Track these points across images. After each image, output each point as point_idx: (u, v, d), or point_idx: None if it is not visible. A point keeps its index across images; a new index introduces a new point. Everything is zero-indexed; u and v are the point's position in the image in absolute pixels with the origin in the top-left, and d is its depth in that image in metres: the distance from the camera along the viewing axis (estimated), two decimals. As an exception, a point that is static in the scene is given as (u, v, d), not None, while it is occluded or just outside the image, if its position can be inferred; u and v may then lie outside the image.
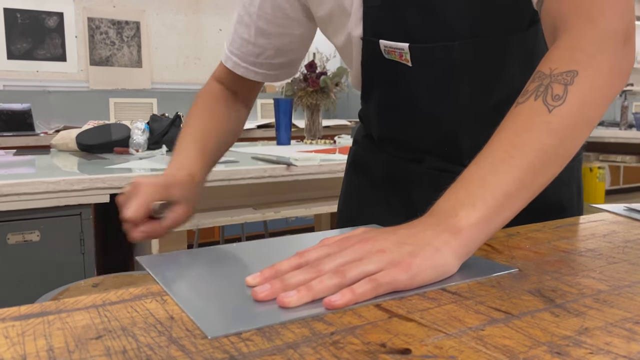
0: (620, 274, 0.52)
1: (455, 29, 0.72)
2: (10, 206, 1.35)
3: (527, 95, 0.55)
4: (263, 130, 3.59)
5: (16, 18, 3.55)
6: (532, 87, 0.55)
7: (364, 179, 0.95)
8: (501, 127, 0.55)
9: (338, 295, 0.43)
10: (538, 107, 0.53)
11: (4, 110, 3.21)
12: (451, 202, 0.51)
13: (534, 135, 0.52)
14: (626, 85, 4.51)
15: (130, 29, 3.92)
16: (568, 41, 0.55)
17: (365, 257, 0.46)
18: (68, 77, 3.75)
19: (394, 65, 0.77)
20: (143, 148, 2.05)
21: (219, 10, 4.26)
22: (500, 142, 0.53)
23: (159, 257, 0.59)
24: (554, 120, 0.52)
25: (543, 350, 0.35)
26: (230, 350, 0.35)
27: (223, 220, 1.77)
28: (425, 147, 0.84)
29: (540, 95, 0.53)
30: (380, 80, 0.83)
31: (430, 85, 0.77)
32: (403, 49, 0.74)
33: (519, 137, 0.52)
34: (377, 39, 0.76)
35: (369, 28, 0.76)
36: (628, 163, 3.75)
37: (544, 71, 0.55)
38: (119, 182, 1.50)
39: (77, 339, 0.37)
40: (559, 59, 0.54)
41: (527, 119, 0.53)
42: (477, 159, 0.54)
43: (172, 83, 4.11)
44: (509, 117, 0.55)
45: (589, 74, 0.53)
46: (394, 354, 0.35)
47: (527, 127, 0.52)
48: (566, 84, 0.52)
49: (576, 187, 0.85)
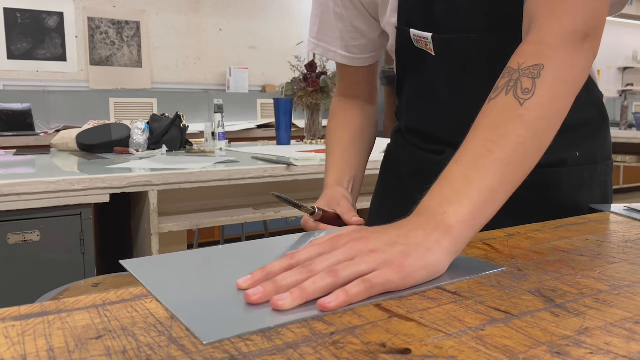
0: (620, 274, 0.52)
1: (475, 22, 0.76)
2: (10, 206, 1.36)
3: (498, 90, 0.57)
4: (263, 130, 3.60)
5: (16, 18, 3.55)
6: (502, 82, 0.57)
7: (393, 173, 0.99)
8: (476, 124, 0.56)
9: (332, 297, 0.42)
10: (509, 101, 0.54)
11: (4, 110, 3.21)
12: (437, 200, 0.52)
13: (509, 129, 0.53)
14: (626, 85, 4.50)
15: (130, 29, 3.92)
16: (535, 36, 0.58)
17: (358, 256, 0.46)
18: (68, 77, 3.75)
19: (422, 54, 0.82)
20: (143, 148, 2.05)
21: (219, 10, 4.26)
22: (477, 138, 0.54)
23: (144, 260, 0.57)
24: (525, 113, 0.53)
25: (543, 350, 0.35)
26: (230, 350, 0.35)
27: (223, 220, 1.77)
28: (446, 138, 0.87)
29: (510, 90, 0.55)
30: (411, 69, 0.88)
31: (450, 75, 0.81)
32: (427, 38, 0.79)
33: (495, 132, 0.53)
34: (408, 28, 0.81)
35: (403, 17, 0.82)
36: (628, 163, 3.75)
37: (512, 66, 0.57)
38: (119, 182, 1.50)
39: (77, 339, 0.37)
40: (526, 54, 0.57)
41: (501, 113, 0.54)
42: (457, 156, 0.55)
43: (172, 83, 4.11)
44: (484, 113, 0.56)
45: (554, 68, 0.55)
46: (394, 354, 0.35)
47: (501, 121, 0.54)
48: (534, 77, 0.54)
49: (600, 192, 0.84)
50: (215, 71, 4.27)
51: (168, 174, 1.58)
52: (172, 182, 1.59)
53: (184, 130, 2.17)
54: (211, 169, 1.66)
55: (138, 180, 1.53)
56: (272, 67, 4.45)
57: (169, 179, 1.58)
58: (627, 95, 4.41)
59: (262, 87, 4.44)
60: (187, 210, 1.80)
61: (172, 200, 1.78)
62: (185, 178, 1.61)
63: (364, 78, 0.97)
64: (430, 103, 0.87)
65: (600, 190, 0.85)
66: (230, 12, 4.30)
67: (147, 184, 1.55)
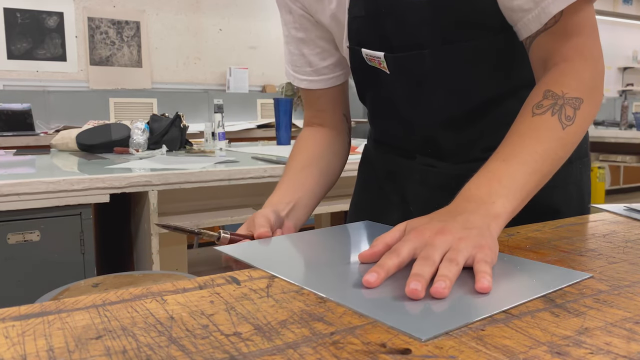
0: (620, 274, 0.52)
1: (425, 37, 0.74)
2: (10, 206, 1.36)
3: (543, 109, 0.65)
4: (263, 130, 3.59)
5: (16, 18, 3.55)
6: (547, 102, 0.65)
7: (369, 172, 0.99)
8: (523, 131, 0.64)
9: (486, 280, 0.46)
10: (554, 123, 0.64)
11: (4, 110, 3.21)
12: (486, 191, 0.58)
13: (551, 147, 0.63)
14: (626, 85, 4.51)
15: (130, 29, 3.92)
16: (573, 73, 0.67)
17: (453, 246, 0.51)
18: (68, 77, 3.75)
19: (377, 72, 0.82)
20: (143, 148, 2.05)
21: (219, 10, 4.26)
22: (525, 148, 0.62)
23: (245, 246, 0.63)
24: (565, 137, 0.64)
25: (543, 350, 0.35)
26: (230, 350, 0.35)
27: (223, 220, 1.77)
28: (412, 148, 0.88)
29: (556, 113, 0.64)
30: (368, 86, 0.88)
31: (407, 91, 0.81)
32: (380, 57, 0.78)
33: (541, 146, 0.63)
34: (359, 47, 0.80)
35: (353, 37, 0.80)
36: (628, 163, 3.75)
37: (556, 91, 0.65)
38: (119, 182, 1.50)
39: (77, 339, 0.37)
40: (569, 86, 0.65)
41: (547, 131, 0.63)
42: (504, 155, 0.62)
43: (172, 83, 4.11)
44: (532, 123, 0.64)
45: (589, 104, 0.66)
46: (394, 354, 0.35)
47: (546, 138, 0.63)
48: (575, 108, 0.65)
49: (576, 190, 0.85)
50: (215, 71, 4.27)
51: (168, 174, 1.58)
52: (172, 182, 1.59)
53: (184, 130, 2.17)
54: (211, 169, 1.66)
55: (138, 180, 1.53)
56: (272, 67, 4.45)
57: (169, 179, 1.58)
58: (627, 95, 4.41)
59: (262, 87, 4.43)
60: (187, 210, 1.80)
61: (172, 200, 1.78)
62: (185, 178, 1.61)
63: (328, 105, 0.94)
64: (392, 118, 0.87)
65: (575, 189, 0.85)
66: (230, 12, 4.30)
67: (147, 184, 1.55)
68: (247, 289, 0.48)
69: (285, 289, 0.48)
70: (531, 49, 0.71)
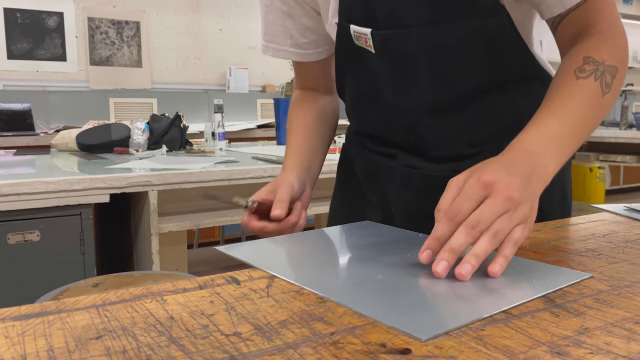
0: (620, 274, 0.52)
1: (414, 15, 0.73)
2: (10, 206, 1.36)
3: (586, 73, 0.67)
4: (263, 130, 3.59)
5: (16, 18, 3.55)
6: (589, 67, 0.67)
7: (349, 174, 0.98)
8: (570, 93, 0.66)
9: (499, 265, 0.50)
10: (596, 89, 0.66)
11: (4, 110, 3.21)
12: (544, 150, 0.60)
13: (592, 113, 0.66)
14: (626, 85, 4.48)
15: (130, 29, 3.92)
16: (609, 43, 0.70)
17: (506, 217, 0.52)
18: (68, 77, 3.75)
19: (363, 53, 0.80)
20: (143, 148, 2.05)
21: (219, 10, 4.26)
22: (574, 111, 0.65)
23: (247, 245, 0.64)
24: (603, 104, 0.67)
25: (543, 350, 0.35)
26: (230, 350, 0.35)
27: (223, 220, 1.77)
28: (394, 139, 0.86)
29: (598, 79, 0.66)
30: (351, 70, 0.86)
31: (393, 73, 0.79)
32: (367, 34, 0.77)
33: (587, 112, 0.66)
34: (348, 24, 0.79)
35: (343, 12, 0.79)
36: (628, 163, 3.75)
37: (596, 58, 0.67)
38: (119, 182, 1.50)
39: (77, 339, 0.37)
40: (607, 54, 0.68)
41: (591, 97, 0.66)
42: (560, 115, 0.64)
43: (172, 83, 4.11)
44: (578, 88, 0.66)
45: (621, 73, 0.69)
46: (394, 354, 0.35)
47: (591, 104, 0.66)
48: (613, 76, 0.67)
49: (559, 189, 0.84)
50: (215, 71, 4.27)
51: (168, 174, 1.58)
52: (172, 182, 1.59)
53: (184, 130, 2.17)
54: (211, 169, 1.66)
55: (138, 180, 1.53)
56: (272, 67, 4.45)
57: (169, 179, 1.58)
58: (627, 95, 4.41)
59: (262, 87, 4.43)
60: (187, 210, 1.80)
61: (172, 200, 1.78)
62: (185, 178, 1.61)
63: (320, 72, 0.96)
64: (374, 106, 0.86)
65: (558, 188, 0.84)
66: (230, 12, 4.30)
67: (147, 184, 1.55)
68: (247, 289, 0.48)
69: (285, 289, 0.48)
70: (561, 25, 0.73)
